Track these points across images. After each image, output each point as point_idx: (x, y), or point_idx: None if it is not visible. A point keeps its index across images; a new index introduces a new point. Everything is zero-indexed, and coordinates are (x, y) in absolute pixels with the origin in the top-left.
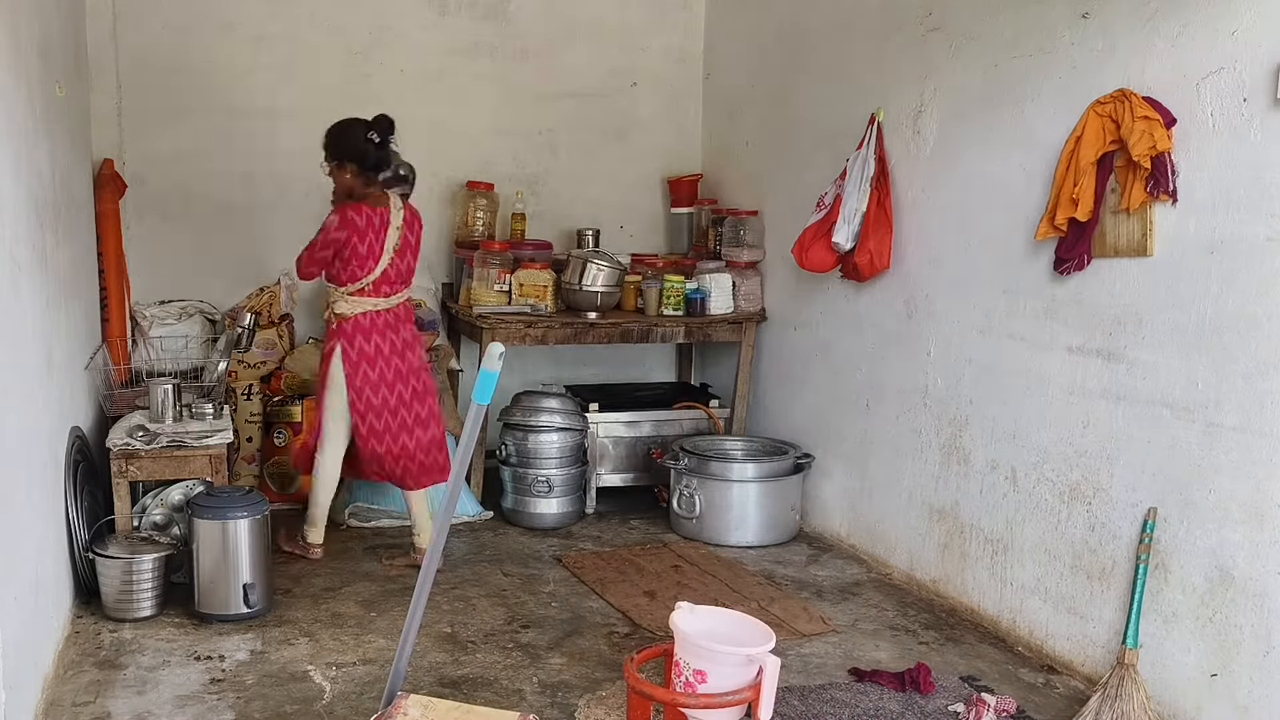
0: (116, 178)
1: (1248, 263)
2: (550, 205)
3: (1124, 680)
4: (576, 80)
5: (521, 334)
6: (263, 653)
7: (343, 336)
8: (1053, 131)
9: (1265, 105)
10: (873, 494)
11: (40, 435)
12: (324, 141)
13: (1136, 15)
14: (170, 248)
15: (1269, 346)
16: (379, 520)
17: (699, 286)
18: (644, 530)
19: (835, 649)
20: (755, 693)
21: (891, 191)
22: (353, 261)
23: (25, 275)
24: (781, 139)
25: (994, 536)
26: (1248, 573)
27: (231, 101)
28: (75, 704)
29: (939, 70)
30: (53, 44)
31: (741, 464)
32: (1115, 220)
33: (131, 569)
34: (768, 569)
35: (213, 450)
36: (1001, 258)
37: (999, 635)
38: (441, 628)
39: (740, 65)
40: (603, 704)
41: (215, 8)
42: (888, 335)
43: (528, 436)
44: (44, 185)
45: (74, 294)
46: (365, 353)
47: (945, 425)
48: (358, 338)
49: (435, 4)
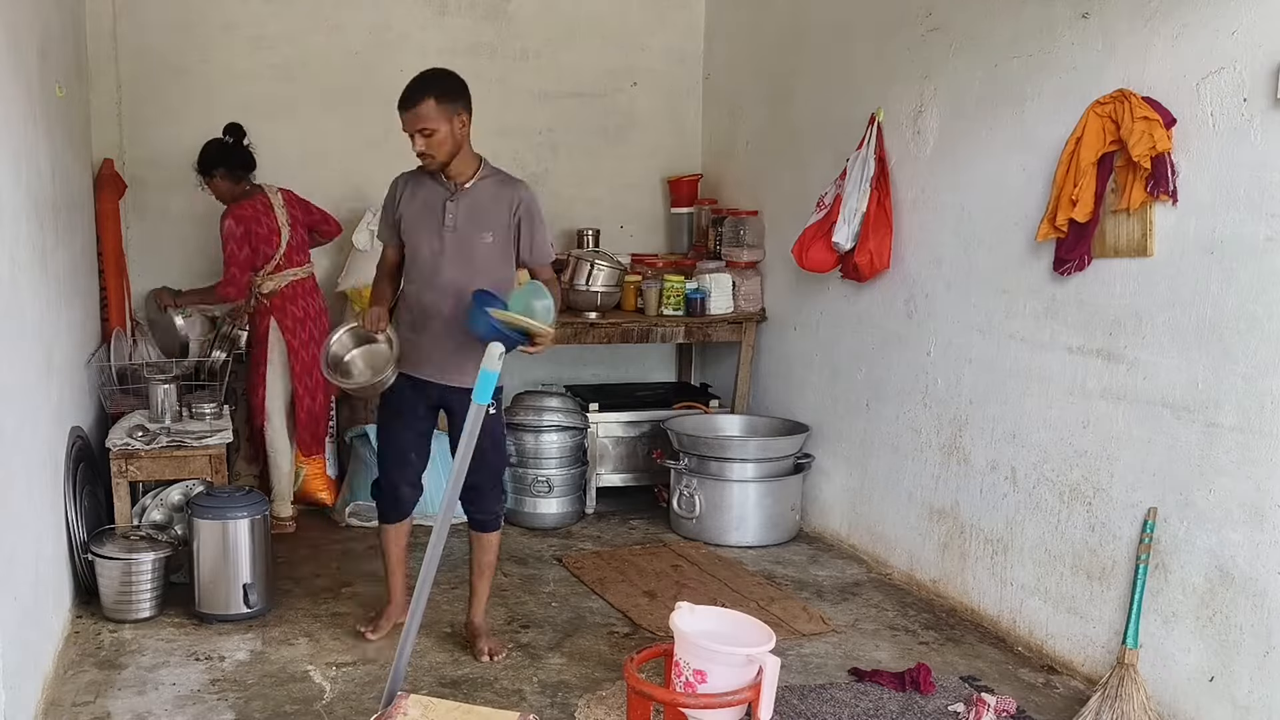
0: (116, 178)
1: (1248, 263)
2: (550, 205)
3: (1124, 680)
4: (576, 80)
5: None
6: (263, 653)
7: (274, 310)
8: (1052, 132)
9: (1265, 105)
10: (873, 494)
11: (40, 435)
12: (195, 167)
13: (1136, 15)
14: (170, 247)
15: (1269, 346)
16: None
17: (699, 286)
18: (644, 530)
19: (835, 649)
20: (755, 693)
21: (891, 191)
22: (261, 245)
23: (25, 275)
24: (781, 139)
25: (994, 536)
26: (1248, 573)
27: (231, 101)
28: (75, 704)
29: (939, 70)
30: (53, 44)
31: (741, 464)
32: (1115, 220)
33: (130, 569)
34: (768, 569)
35: (213, 450)
36: (1001, 258)
37: (999, 635)
38: (441, 628)
39: (740, 65)
40: (603, 704)
41: (215, 8)
42: (888, 335)
43: (528, 436)
44: (44, 185)
45: (74, 294)
46: (295, 315)
47: (945, 425)
48: (287, 305)
49: (435, 4)
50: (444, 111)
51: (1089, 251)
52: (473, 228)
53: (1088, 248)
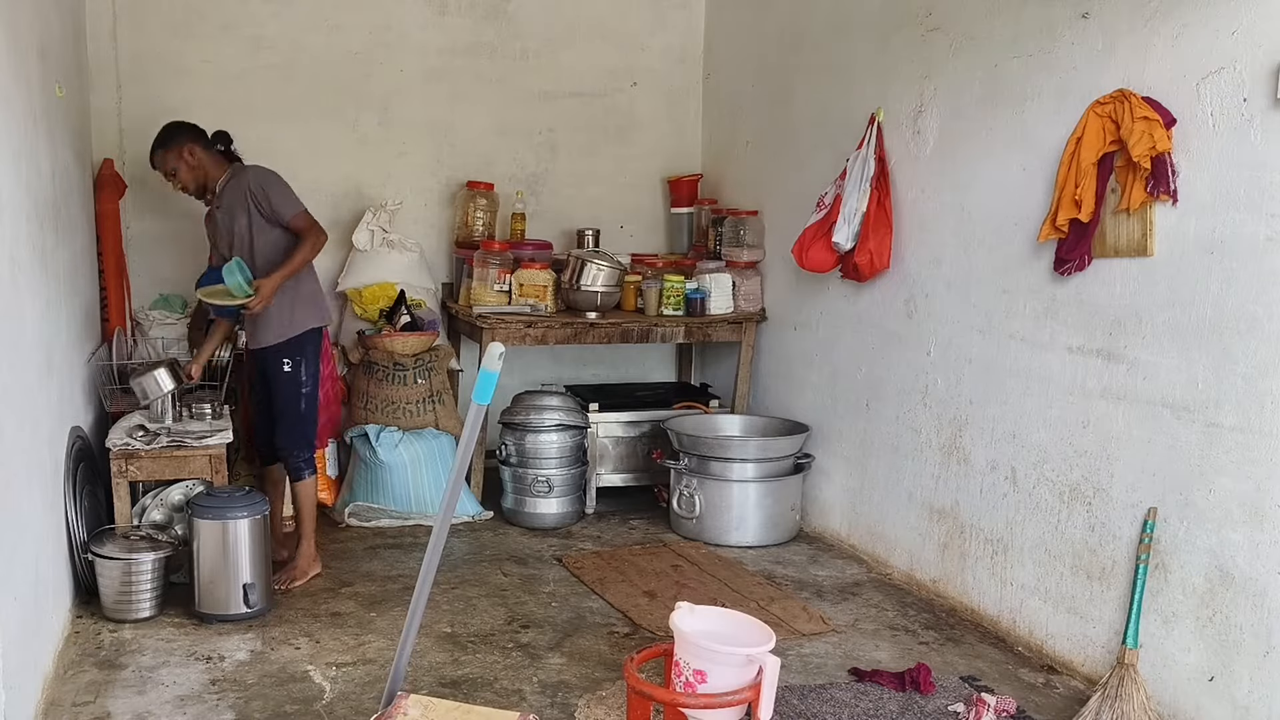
0: (116, 178)
1: (1248, 263)
2: (550, 205)
3: (1124, 680)
4: (576, 80)
5: (521, 334)
6: (263, 653)
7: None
8: (1052, 132)
9: (1265, 105)
10: (873, 494)
11: (40, 435)
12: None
13: (1136, 15)
14: (170, 247)
15: (1269, 346)
16: (379, 520)
17: (699, 286)
18: (644, 530)
19: (835, 649)
20: (755, 693)
21: (891, 191)
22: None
23: (25, 275)
24: (781, 139)
25: (994, 536)
26: (1248, 573)
27: (231, 101)
28: (75, 704)
29: (939, 70)
30: (53, 44)
31: (741, 464)
32: (1115, 220)
33: (130, 569)
34: (768, 569)
35: (213, 450)
36: (1001, 258)
37: (999, 635)
38: (441, 628)
39: (740, 65)
40: (603, 704)
41: (215, 8)
42: (888, 335)
43: (527, 436)
44: (44, 185)
45: (74, 294)
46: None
47: (945, 425)
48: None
49: (435, 4)
50: (171, 155)
51: (1089, 251)
52: (230, 220)
53: (1088, 248)
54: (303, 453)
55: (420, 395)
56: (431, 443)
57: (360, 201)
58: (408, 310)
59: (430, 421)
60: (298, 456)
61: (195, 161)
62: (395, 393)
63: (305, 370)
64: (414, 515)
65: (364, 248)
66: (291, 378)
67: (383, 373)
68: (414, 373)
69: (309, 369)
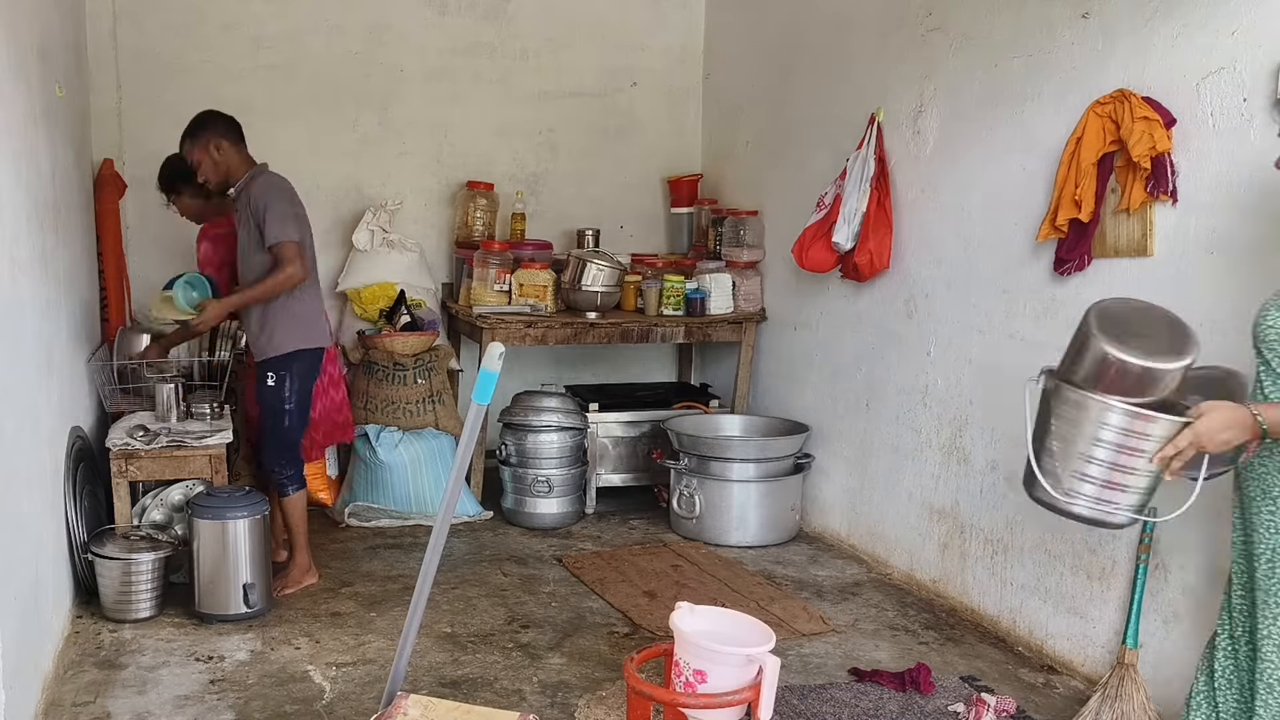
0: (116, 178)
1: (1248, 263)
2: (550, 205)
3: (1124, 680)
4: (576, 80)
5: (521, 334)
6: (263, 653)
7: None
8: (1052, 132)
9: (1265, 105)
10: (873, 494)
11: (40, 435)
12: (157, 186)
13: (1136, 15)
14: (170, 247)
15: None
16: (379, 520)
17: (699, 286)
18: (644, 530)
19: (835, 649)
20: (755, 693)
21: (891, 191)
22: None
23: (25, 275)
24: (781, 139)
25: (994, 536)
26: None
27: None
28: (75, 704)
29: (939, 70)
30: (53, 44)
31: (741, 464)
32: (1115, 221)
33: (130, 569)
34: (768, 569)
35: (213, 450)
36: (1001, 258)
37: (999, 635)
38: (441, 628)
39: (740, 65)
40: (603, 704)
41: (215, 8)
42: (888, 335)
43: (527, 436)
44: (44, 185)
45: (74, 294)
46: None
47: (945, 425)
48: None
49: (435, 4)
50: (198, 147)
51: (1089, 252)
52: (240, 225)
53: (1088, 248)
54: (285, 469)
55: (420, 395)
56: (431, 443)
57: (360, 201)
58: (408, 310)
59: (430, 421)
60: (280, 473)
61: (220, 157)
62: (395, 393)
63: (289, 388)
64: (414, 515)
65: (364, 248)
66: (274, 392)
67: (383, 373)
68: (414, 373)
69: (293, 387)
